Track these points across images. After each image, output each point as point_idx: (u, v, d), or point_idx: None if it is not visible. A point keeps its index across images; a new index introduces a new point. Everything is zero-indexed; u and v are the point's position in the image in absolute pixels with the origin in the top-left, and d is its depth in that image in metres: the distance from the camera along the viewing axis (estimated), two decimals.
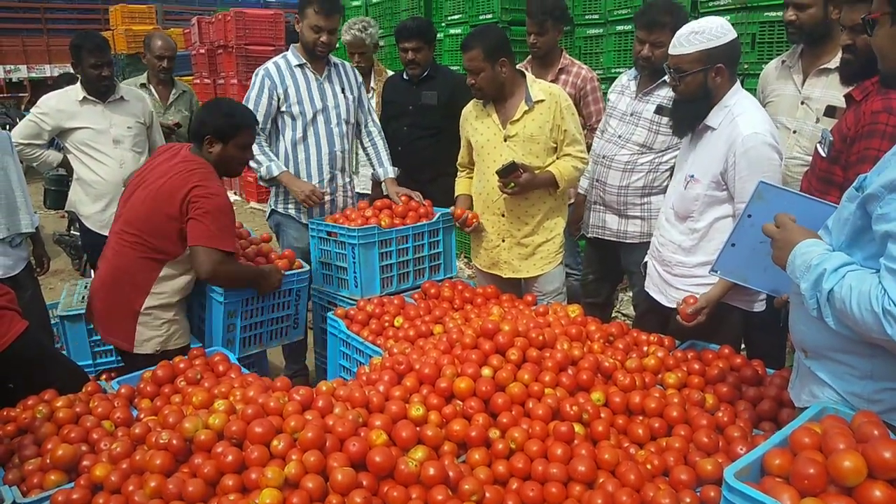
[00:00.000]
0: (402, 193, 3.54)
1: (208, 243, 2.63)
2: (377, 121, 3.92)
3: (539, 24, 3.82)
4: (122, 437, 2.02)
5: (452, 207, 3.42)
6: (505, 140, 3.17)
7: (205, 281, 2.78)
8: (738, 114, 2.46)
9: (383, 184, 3.86)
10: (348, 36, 4.53)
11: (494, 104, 3.21)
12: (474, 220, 3.30)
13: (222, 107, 2.86)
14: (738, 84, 2.55)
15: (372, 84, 4.67)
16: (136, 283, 2.76)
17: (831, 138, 2.22)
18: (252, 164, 3.55)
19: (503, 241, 3.28)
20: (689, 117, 2.59)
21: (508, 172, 3.01)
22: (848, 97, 2.25)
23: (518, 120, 3.14)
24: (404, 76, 4.20)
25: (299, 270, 3.19)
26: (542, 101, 3.12)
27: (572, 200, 3.70)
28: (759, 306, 2.58)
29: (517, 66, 3.29)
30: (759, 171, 2.36)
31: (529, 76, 3.21)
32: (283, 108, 3.52)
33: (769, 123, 2.47)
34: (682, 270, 2.66)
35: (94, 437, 2.07)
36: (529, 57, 4.13)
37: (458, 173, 3.58)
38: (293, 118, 3.53)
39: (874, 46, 1.58)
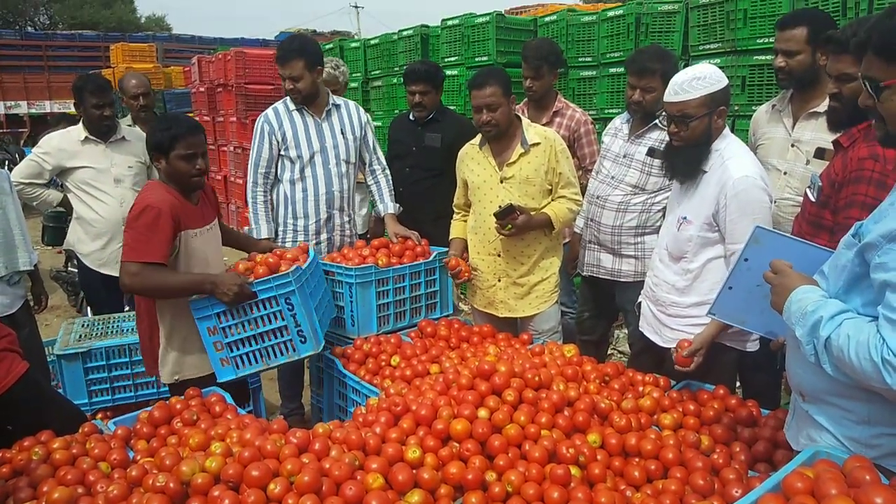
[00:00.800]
0: (400, 234, 3.58)
1: (124, 257, 2.62)
2: (382, 159, 3.99)
3: (535, 68, 3.89)
4: (118, 480, 2.01)
5: (447, 253, 3.46)
6: (501, 182, 3.22)
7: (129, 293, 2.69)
8: (729, 157, 2.51)
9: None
10: (323, 74, 4.64)
11: (491, 146, 3.27)
12: (466, 275, 3.33)
13: (160, 121, 2.79)
14: (727, 128, 2.60)
15: None
16: (148, 319, 2.81)
17: (820, 183, 2.27)
18: (249, 214, 3.61)
19: (499, 280, 3.31)
20: (692, 162, 2.59)
21: (506, 214, 3.05)
22: (836, 143, 2.31)
23: (514, 162, 3.19)
24: (410, 117, 4.23)
25: (278, 275, 2.80)
26: (538, 144, 3.18)
27: (567, 240, 3.74)
28: (753, 346, 2.61)
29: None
30: (750, 213, 2.41)
31: (525, 120, 3.28)
32: (282, 152, 3.59)
33: (758, 166, 2.52)
34: (676, 311, 2.69)
35: (91, 479, 2.06)
36: (525, 100, 4.21)
37: (454, 215, 3.62)
38: (291, 161, 3.59)
39: (883, 110, 1.55)
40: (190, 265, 2.76)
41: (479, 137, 3.36)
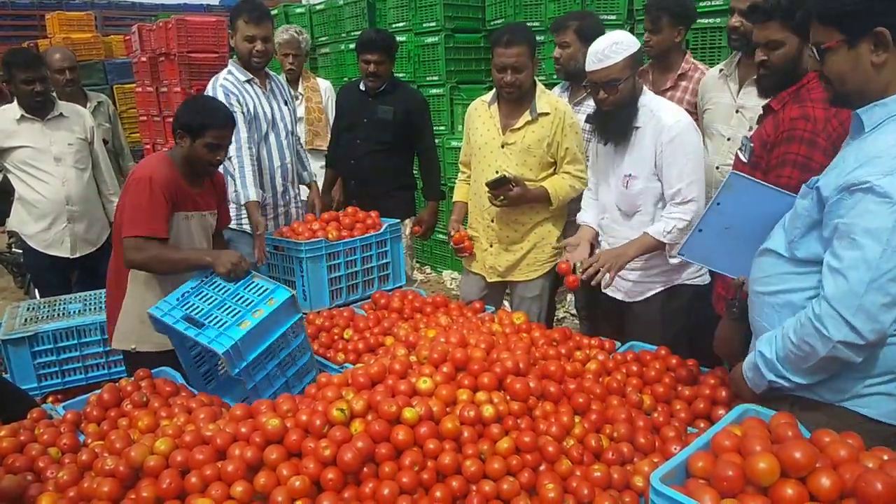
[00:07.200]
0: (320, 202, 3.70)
1: (125, 233, 2.61)
2: (296, 128, 3.95)
3: (653, 20, 3.37)
4: (68, 465, 2.01)
5: (452, 221, 3.44)
6: (502, 146, 3.16)
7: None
8: (657, 109, 2.69)
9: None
10: (286, 35, 4.57)
11: (500, 107, 3.18)
12: (468, 251, 3.35)
13: (198, 102, 2.80)
14: (644, 85, 2.79)
15: (300, 90, 4.72)
16: (118, 285, 2.86)
17: (751, 144, 2.34)
18: (237, 179, 3.41)
19: (491, 245, 3.30)
20: (626, 122, 2.72)
21: (499, 185, 3.00)
22: (767, 107, 2.37)
23: (519, 129, 3.11)
24: (360, 87, 4.08)
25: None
26: (547, 114, 3.08)
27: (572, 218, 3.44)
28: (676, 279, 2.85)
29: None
30: (683, 154, 2.61)
31: (540, 86, 3.17)
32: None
33: (684, 112, 2.72)
34: (636, 263, 2.79)
35: (41, 466, 2.04)
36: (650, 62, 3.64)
37: (459, 174, 3.56)
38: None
39: (829, 73, 1.66)
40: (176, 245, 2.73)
41: (490, 94, 3.26)
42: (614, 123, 2.74)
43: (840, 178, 1.59)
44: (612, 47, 2.58)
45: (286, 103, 3.71)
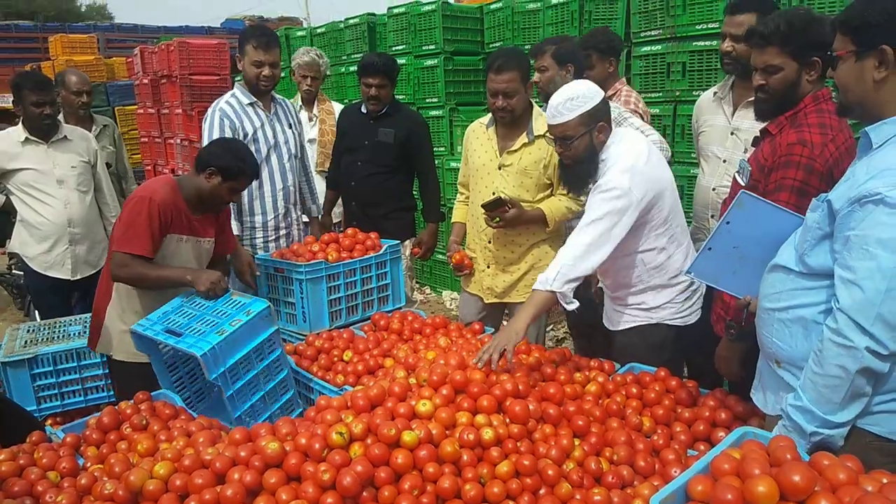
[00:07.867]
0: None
1: (114, 247, 2.76)
2: (307, 156, 4.05)
3: (585, 58, 3.52)
4: (67, 489, 2.00)
5: (451, 242, 3.47)
6: (499, 168, 3.19)
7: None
8: (610, 166, 2.55)
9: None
10: (307, 57, 4.63)
11: (498, 129, 3.22)
12: (465, 271, 3.37)
13: (238, 149, 2.93)
14: (615, 134, 2.63)
15: (315, 111, 4.76)
16: (107, 292, 2.96)
17: (749, 168, 2.35)
18: None
19: (488, 266, 3.32)
20: (582, 177, 2.65)
21: (495, 206, 3.02)
22: (764, 131, 2.39)
23: (515, 151, 3.15)
24: (362, 109, 4.09)
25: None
26: (543, 136, 3.10)
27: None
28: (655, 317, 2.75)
29: None
30: (595, 208, 2.48)
31: (537, 108, 3.21)
32: None
33: (630, 174, 2.49)
34: (620, 301, 2.80)
35: (39, 490, 2.03)
36: None
37: (458, 195, 3.59)
38: None
39: (837, 80, 1.75)
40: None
41: (488, 116, 3.30)
42: (571, 177, 2.70)
43: (851, 190, 1.62)
44: (567, 103, 2.49)
45: (291, 127, 3.75)
